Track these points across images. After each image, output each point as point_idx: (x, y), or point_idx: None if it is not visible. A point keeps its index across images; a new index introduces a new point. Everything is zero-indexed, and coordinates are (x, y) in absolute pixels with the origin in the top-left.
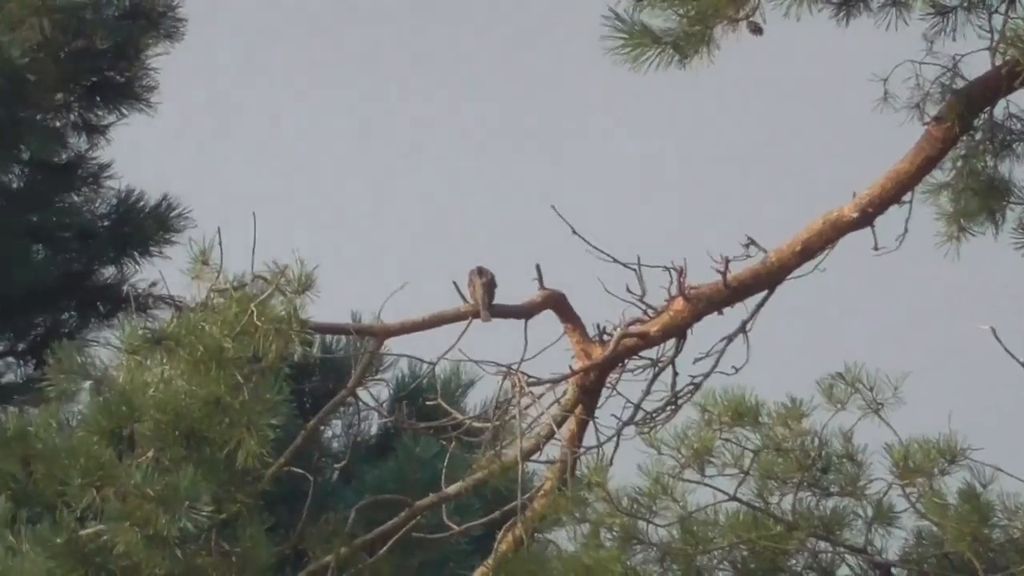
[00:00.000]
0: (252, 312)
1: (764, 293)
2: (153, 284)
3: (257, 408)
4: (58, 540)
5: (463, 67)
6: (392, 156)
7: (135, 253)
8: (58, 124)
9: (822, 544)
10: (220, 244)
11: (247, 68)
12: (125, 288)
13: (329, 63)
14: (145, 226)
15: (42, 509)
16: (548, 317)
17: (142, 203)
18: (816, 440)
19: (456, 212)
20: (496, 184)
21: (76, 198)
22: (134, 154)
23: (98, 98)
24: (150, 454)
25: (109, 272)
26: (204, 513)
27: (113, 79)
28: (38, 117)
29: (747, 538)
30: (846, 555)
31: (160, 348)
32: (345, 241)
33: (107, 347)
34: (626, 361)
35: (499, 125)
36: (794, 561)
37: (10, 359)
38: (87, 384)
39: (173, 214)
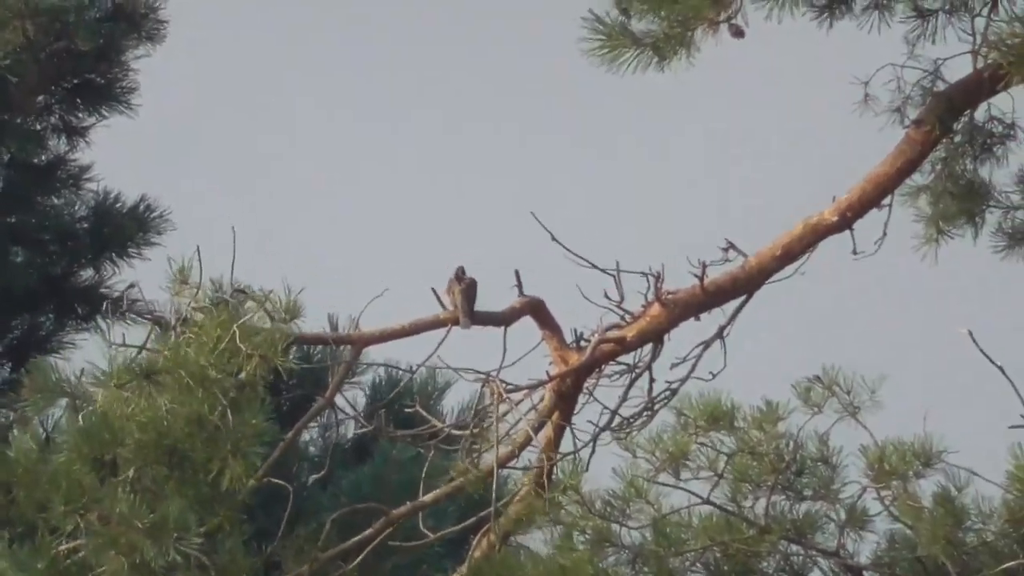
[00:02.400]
0: (235, 333)
1: (743, 298)
2: (131, 286)
3: (243, 432)
4: (39, 565)
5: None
6: (367, 159)
7: (113, 255)
8: (38, 126)
9: (794, 547)
10: (200, 261)
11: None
12: (103, 290)
13: (307, 68)
14: (124, 227)
15: (23, 532)
16: (529, 324)
17: (120, 204)
18: (791, 443)
19: (435, 217)
20: (476, 189)
21: (56, 200)
22: (114, 157)
23: (79, 100)
24: (131, 474)
25: (87, 274)
26: (194, 544)
27: (94, 81)
28: (18, 119)
29: (719, 541)
30: (818, 558)
31: (148, 382)
32: (322, 247)
33: (91, 368)
34: (603, 367)
35: (476, 129)
36: (766, 564)
37: None
38: (63, 401)
39: (152, 215)
